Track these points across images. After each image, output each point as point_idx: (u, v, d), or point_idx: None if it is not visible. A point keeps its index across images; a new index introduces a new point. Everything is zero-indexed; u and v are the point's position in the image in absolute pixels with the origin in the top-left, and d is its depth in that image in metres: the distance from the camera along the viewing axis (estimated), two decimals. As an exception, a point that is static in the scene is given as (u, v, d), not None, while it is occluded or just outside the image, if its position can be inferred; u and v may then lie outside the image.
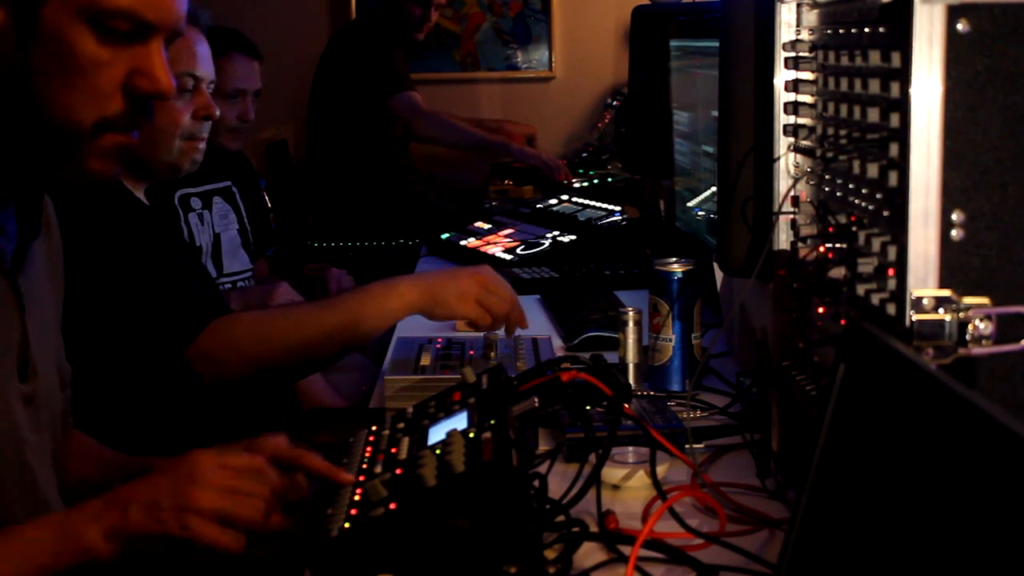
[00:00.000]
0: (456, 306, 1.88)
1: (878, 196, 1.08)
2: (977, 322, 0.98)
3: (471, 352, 1.99)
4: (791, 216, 1.33)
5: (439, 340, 2.08)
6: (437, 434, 1.29)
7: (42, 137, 1.12)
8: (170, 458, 1.43)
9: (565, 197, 3.61)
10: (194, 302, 1.84)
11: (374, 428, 1.43)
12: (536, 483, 1.26)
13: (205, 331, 1.78)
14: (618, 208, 3.27)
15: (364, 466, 1.31)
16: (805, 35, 1.31)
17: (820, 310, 1.23)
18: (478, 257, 3.00)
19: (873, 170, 1.07)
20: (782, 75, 1.33)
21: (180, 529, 1.14)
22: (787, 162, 1.34)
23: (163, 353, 1.77)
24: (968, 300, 0.99)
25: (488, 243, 3.14)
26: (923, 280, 1.00)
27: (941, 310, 0.99)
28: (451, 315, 1.91)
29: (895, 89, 1.03)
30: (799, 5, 1.32)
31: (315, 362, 1.93)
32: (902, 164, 1.01)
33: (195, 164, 2.01)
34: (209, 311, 1.83)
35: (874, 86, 1.08)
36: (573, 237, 3.03)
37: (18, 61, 1.09)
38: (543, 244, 2.99)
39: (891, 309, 1.03)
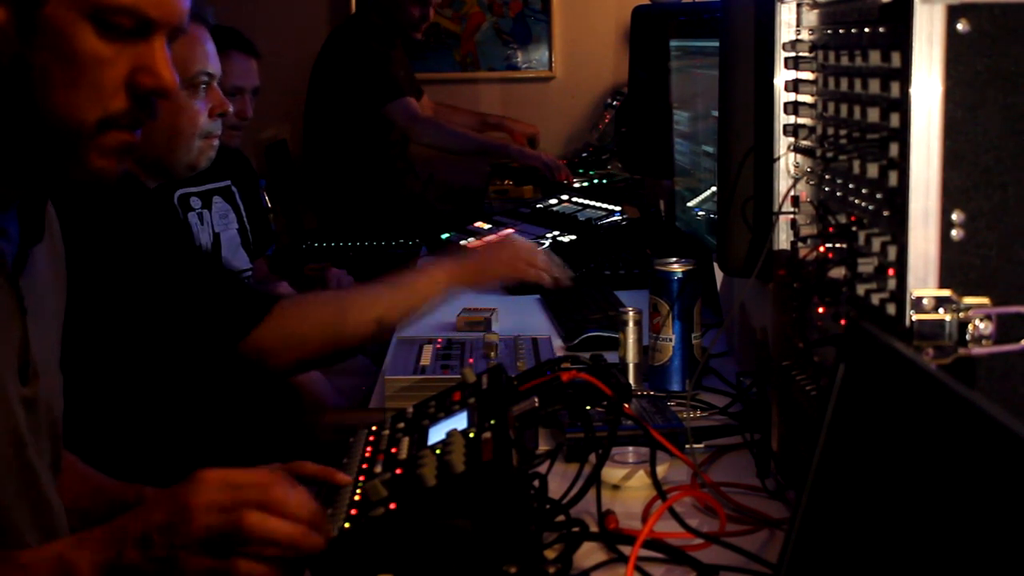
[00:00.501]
0: (513, 269, 2.12)
1: (878, 196, 1.08)
2: (977, 322, 0.98)
3: (471, 359, 1.99)
4: (791, 216, 1.33)
5: (439, 340, 2.08)
6: (437, 434, 1.29)
7: (44, 136, 1.11)
8: (166, 490, 1.43)
9: (565, 197, 3.61)
10: (251, 288, 1.86)
11: (374, 428, 1.42)
12: (536, 483, 1.26)
13: (272, 312, 1.83)
14: (618, 208, 3.27)
15: (364, 466, 1.30)
16: (805, 35, 1.31)
17: (820, 310, 1.23)
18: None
19: (873, 170, 1.07)
20: (782, 75, 1.33)
21: (172, 566, 1.09)
22: (787, 162, 1.34)
23: (228, 338, 1.81)
24: (968, 300, 0.99)
25: (489, 243, 3.14)
26: (923, 280, 1.00)
27: (941, 310, 0.99)
28: (511, 279, 2.17)
29: (895, 89, 1.03)
30: (799, 5, 1.32)
31: (380, 334, 2.03)
32: (902, 164, 1.01)
33: (210, 161, 2.03)
34: (269, 295, 1.87)
35: (874, 86, 1.08)
36: (573, 237, 3.03)
37: (19, 58, 1.08)
38: (543, 244, 2.99)
39: (891, 309, 1.03)
